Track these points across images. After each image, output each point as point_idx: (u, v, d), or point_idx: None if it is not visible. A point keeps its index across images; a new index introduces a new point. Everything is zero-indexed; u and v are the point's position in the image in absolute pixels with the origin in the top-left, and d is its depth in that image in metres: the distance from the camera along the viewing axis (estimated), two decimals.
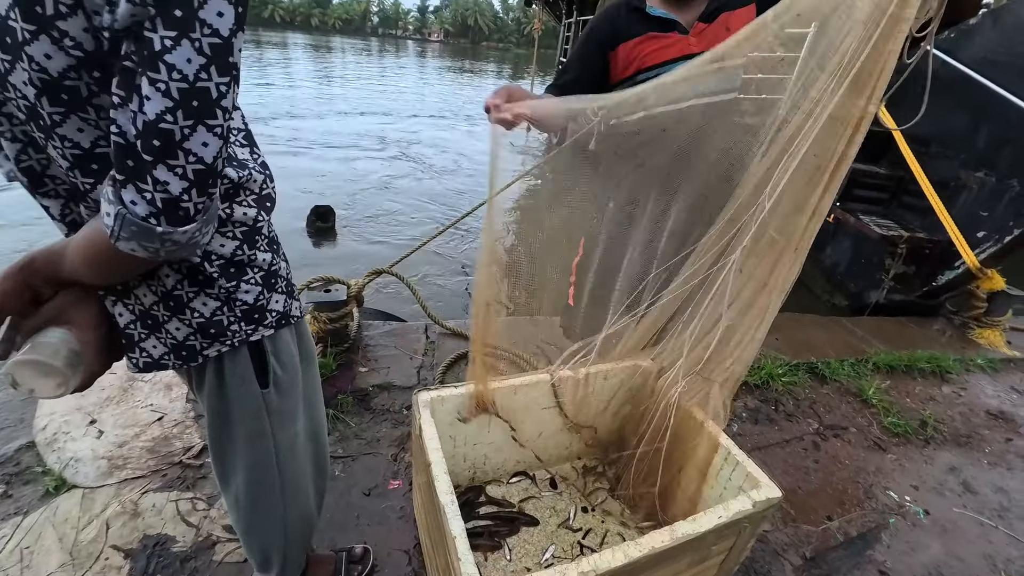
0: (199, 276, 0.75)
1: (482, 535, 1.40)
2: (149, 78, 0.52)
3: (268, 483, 0.96)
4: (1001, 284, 3.18)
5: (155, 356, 0.78)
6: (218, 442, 0.91)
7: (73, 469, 1.58)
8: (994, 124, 3.13)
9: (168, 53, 0.51)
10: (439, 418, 1.31)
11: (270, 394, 0.88)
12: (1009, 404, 2.61)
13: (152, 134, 0.53)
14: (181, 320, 0.76)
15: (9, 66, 0.54)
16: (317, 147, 8.52)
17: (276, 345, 0.88)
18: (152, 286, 0.74)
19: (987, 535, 1.79)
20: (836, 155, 1.00)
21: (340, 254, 4.71)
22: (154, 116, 0.53)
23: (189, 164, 0.56)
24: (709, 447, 1.31)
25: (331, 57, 31.62)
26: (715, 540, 1.08)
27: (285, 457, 0.96)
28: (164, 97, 0.52)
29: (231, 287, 0.78)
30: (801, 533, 1.68)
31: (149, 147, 0.54)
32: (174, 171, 0.55)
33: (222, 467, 0.94)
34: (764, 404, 2.30)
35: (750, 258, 1.14)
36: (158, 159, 0.54)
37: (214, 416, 0.87)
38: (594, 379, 1.46)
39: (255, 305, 0.81)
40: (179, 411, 1.84)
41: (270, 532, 1.02)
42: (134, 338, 0.77)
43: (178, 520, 1.47)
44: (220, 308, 0.78)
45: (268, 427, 0.91)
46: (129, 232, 0.57)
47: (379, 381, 2.07)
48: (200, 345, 0.79)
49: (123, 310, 0.75)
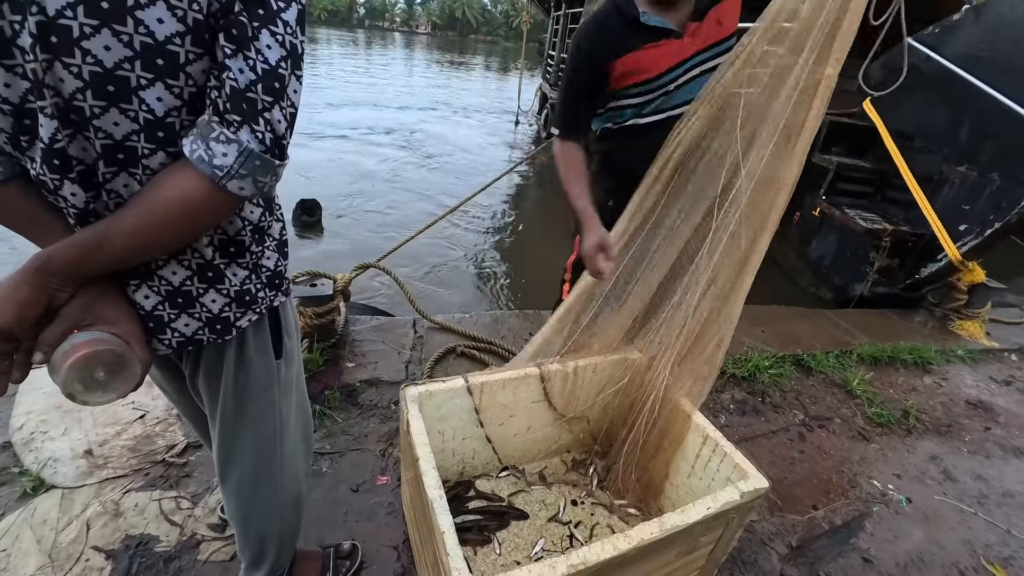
0: (231, 247, 0.77)
1: (471, 529, 1.39)
2: (270, 31, 0.61)
3: (273, 459, 0.96)
4: (982, 276, 3.24)
5: (188, 333, 0.77)
6: (228, 426, 0.89)
7: (52, 469, 1.54)
8: (976, 119, 3.17)
9: (283, 12, 0.62)
10: (427, 413, 1.30)
11: (281, 364, 0.91)
12: (988, 394, 2.67)
13: (273, 78, 0.62)
14: (219, 291, 0.77)
15: (92, 31, 0.54)
16: (303, 139, 8.39)
17: (285, 314, 0.92)
18: (184, 261, 0.73)
19: (967, 521, 1.83)
20: (799, 125, 1.01)
21: (326, 248, 4.65)
22: (275, 62, 0.62)
23: (288, 108, 0.65)
24: (697, 439, 1.31)
25: (317, 48, 31.15)
26: (703, 531, 1.09)
27: (284, 428, 0.97)
28: (281, 47, 0.62)
29: (258, 252, 0.81)
30: (787, 522, 1.70)
31: (270, 89, 0.62)
32: (283, 111, 0.64)
33: (227, 452, 0.93)
34: (751, 396, 2.33)
35: (726, 237, 1.15)
36: (275, 100, 0.63)
37: (229, 396, 0.86)
38: (583, 372, 1.46)
39: (275, 271, 0.86)
40: (162, 408, 1.80)
41: (268, 516, 1.02)
42: (163, 319, 0.74)
43: (161, 519, 1.44)
44: (249, 276, 0.80)
45: (277, 398, 0.92)
46: (250, 167, 0.63)
47: (366, 376, 2.05)
48: (234, 316, 0.80)
49: (148, 293, 0.72)
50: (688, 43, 1.35)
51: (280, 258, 0.87)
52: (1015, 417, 2.50)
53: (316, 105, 11.58)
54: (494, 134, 10.83)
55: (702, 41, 1.36)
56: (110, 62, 0.56)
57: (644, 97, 1.41)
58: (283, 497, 1.01)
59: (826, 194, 3.91)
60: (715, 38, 1.37)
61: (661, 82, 1.37)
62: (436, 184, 6.84)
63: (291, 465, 1.01)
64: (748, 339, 2.73)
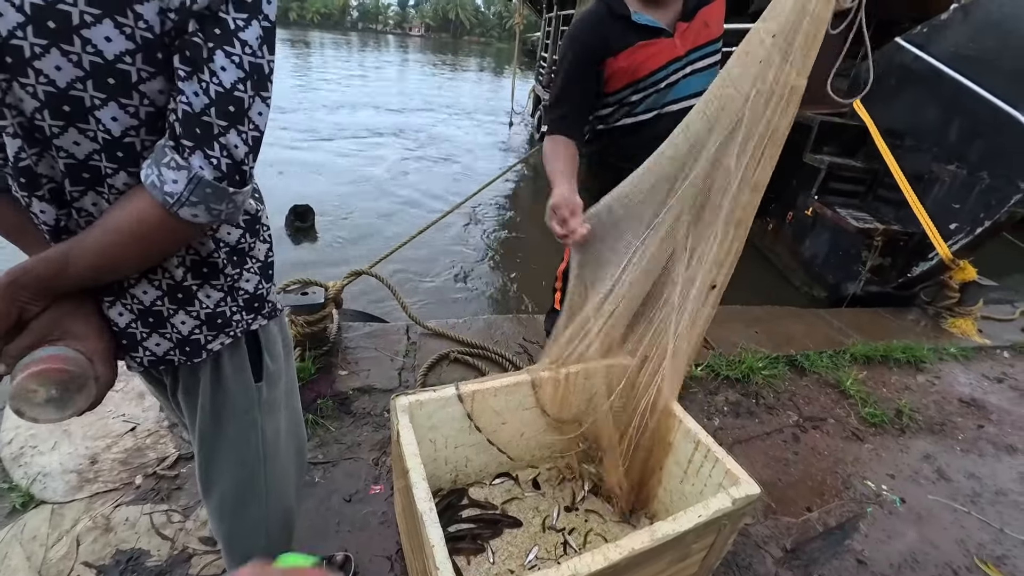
0: (203, 268, 0.76)
1: (465, 538, 1.39)
2: (225, 51, 0.59)
3: (256, 481, 0.95)
4: (973, 274, 3.26)
5: (159, 353, 0.77)
6: (209, 442, 0.89)
7: (41, 484, 1.53)
8: (965, 118, 3.19)
9: (241, 31, 0.60)
10: (418, 422, 1.29)
11: (262, 387, 0.89)
12: (980, 392, 2.68)
13: (228, 101, 0.60)
14: (188, 312, 0.76)
15: (41, 51, 0.53)
16: (297, 143, 8.37)
17: (268, 336, 0.89)
18: (155, 281, 0.72)
19: (960, 521, 1.84)
20: (771, 128, 1.02)
21: (320, 254, 4.64)
22: (230, 85, 0.59)
23: (250, 131, 0.63)
24: (689, 444, 1.31)
25: (311, 52, 31.11)
26: (695, 539, 1.08)
27: (270, 449, 0.95)
28: (238, 68, 0.60)
29: (235, 275, 0.79)
30: (782, 525, 1.70)
31: (224, 113, 0.60)
32: (241, 136, 0.62)
33: (207, 472, 0.92)
34: (745, 398, 2.33)
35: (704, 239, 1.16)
36: (231, 124, 0.61)
37: (205, 414, 0.85)
38: (574, 378, 1.46)
39: (255, 294, 0.84)
40: (152, 420, 1.79)
41: (253, 535, 1.00)
42: (136, 337, 0.75)
43: (152, 533, 1.43)
44: (223, 299, 0.79)
45: (259, 420, 0.91)
46: (201, 195, 0.61)
47: (359, 384, 2.04)
48: (205, 338, 0.78)
49: (122, 310, 0.73)
50: (678, 44, 1.36)
51: (262, 281, 0.85)
52: (1007, 414, 2.52)
53: (313, 108, 11.56)
54: (488, 136, 10.83)
55: (691, 42, 1.37)
56: (63, 82, 0.55)
57: (636, 96, 1.41)
58: (270, 516, 1.00)
59: (818, 193, 3.93)
60: (704, 39, 1.39)
61: (653, 80, 1.38)
62: (430, 187, 6.83)
63: (279, 485, 0.99)
64: (742, 340, 2.74)
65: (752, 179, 1.08)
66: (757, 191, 1.10)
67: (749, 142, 1.03)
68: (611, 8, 1.36)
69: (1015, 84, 2.92)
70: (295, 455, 1.06)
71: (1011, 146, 2.90)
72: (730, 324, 2.91)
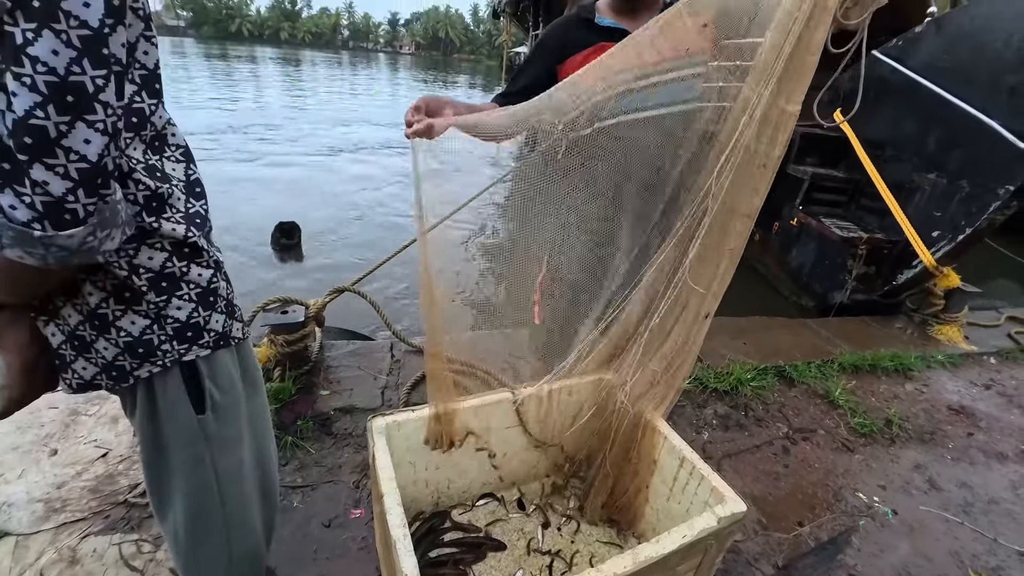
0: (125, 293, 0.72)
1: (447, 563, 1.34)
2: (14, 72, 0.50)
3: (209, 515, 0.91)
4: (957, 281, 3.28)
5: (87, 377, 0.76)
6: (153, 470, 0.86)
7: (5, 515, 1.47)
8: (943, 128, 3.25)
9: (30, 45, 0.49)
10: (396, 444, 1.25)
11: (207, 419, 0.85)
12: (969, 399, 2.68)
13: (23, 131, 0.51)
14: (107, 340, 0.74)
15: None
16: (282, 159, 8.36)
17: (213, 367, 0.85)
18: (76, 305, 0.71)
19: (953, 532, 1.81)
20: (764, 156, 1.00)
21: (306, 271, 4.59)
22: (23, 112, 0.50)
23: (71, 163, 0.53)
24: (674, 461, 1.28)
25: (302, 70, 31.30)
26: (680, 560, 1.05)
27: (228, 487, 0.91)
28: (32, 92, 0.50)
29: (161, 302, 0.75)
30: (773, 541, 1.67)
31: (22, 145, 0.51)
32: (54, 170, 0.53)
33: (158, 498, 0.89)
34: (734, 410, 2.31)
35: (695, 265, 1.14)
36: (34, 158, 0.52)
37: (147, 442, 0.83)
38: (557, 395, 1.43)
39: (188, 323, 0.79)
40: (126, 446, 1.73)
41: (215, 568, 0.96)
42: (66, 358, 0.75)
43: (120, 565, 1.37)
44: (149, 326, 0.75)
45: (207, 454, 0.86)
46: (9, 239, 0.55)
47: (341, 404, 2.00)
48: (130, 365, 0.76)
49: (55, 330, 0.73)
50: None
51: (200, 308, 0.79)
52: (996, 421, 2.51)
53: (298, 123, 11.59)
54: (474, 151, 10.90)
55: None
56: None
57: None
58: (231, 553, 0.95)
59: (802, 204, 3.97)
60: None
61: None
62: None
63: (241, 523, 0.95)
64: (730, 352, 2.73)
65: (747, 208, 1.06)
66: (750, 218, 1.08)
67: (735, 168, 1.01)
68: (579, 14, 1.40)
69: (989, 94, 2.97)
70: (260, 497, 1.01)
71: (988, 154, 2.95)
72: (718, 336, 2.90)
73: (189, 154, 0.81)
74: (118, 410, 1.86)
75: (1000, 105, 2.91)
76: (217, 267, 0.83)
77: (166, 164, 0.75)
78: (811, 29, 0.88)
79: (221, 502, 0.91)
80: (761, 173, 1.00)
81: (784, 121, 0.95)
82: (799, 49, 0.90)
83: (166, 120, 0.76)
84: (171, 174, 0.76)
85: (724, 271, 1.12)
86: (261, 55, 47.90)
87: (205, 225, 0.81)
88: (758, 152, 0.99)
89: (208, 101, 13.72)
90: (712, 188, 1.01)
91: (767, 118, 0.96)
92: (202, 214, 0.80)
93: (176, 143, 0.79)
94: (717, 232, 1.09)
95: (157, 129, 0.74)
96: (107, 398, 1.91)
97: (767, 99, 0.94)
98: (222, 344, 0.84)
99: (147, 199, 0.70)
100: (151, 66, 0.70)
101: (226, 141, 9.20)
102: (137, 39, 0.67)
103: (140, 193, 0.69)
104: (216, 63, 29.12)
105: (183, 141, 0.80)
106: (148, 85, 0.70)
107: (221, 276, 0.84)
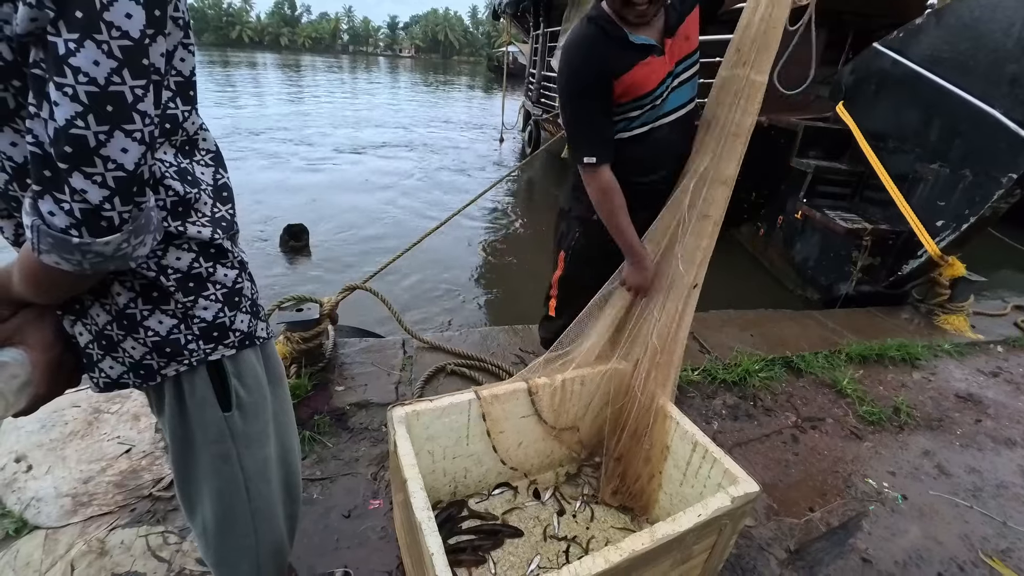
0: (154, 292, 0.74)
1: (465, 550, 1.38)
2: (56, 83, 0.50)
3: (237, 510, 0.93)
4: (962, 270, 3.29)
5: (113, 376, 0.77)
6: (181, 467, 0.88)
7: (35, 509, 1.51)
8: (944, 118, 3.26)
9: (72, 56, 0.50)
10: (415, 433, 1.29)
11: (233, 417, 0.86)
12: (976, 387, 2.70)
13: (64, 140, 0.52)
14: (136, 339, 0.75)
15: None
16: (289, 162, 8.42)
17: (239, 367, 0.86)
18: (105, 305, 0.73)
19: (963, 515, 1.83)
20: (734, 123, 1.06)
21: (315, 272, 4.63)
22: (64, 122, 0.51)
23: (108, 171, 0.54)
24: (687, 446, 1.31)
25: (302, 74, 31.45)
26: (696, 539, 1.08)
27: (255, 483, 0.93)
28: (73, 102, 0.51)
29: (188, 302, 0.76)
30: (784, 527, 1.70)
31: (62, 154, 0.52)
32: (92, 179, 0.54)
33: (187, 495, 0.92)
34: (743, 400, 2.33)
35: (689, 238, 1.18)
36: (73, 166, 0.53)
37: (175, 440, 0.85)
38: (571, 384, 1.46)
39: (214, 323, 0.80)
40: (148, 442, 1.77)
41: (241, 563, 0.99)
42: (93, 357, 0.76)
43: (148, 556, 1.41)
44: (177, 326, 0.76)
45: (234, 452, 0.88)
46: (47, 244, 0.56)
47: (356, 399, 2.03)
48: (157, 364, 0.77)
49: (82, 329, 0.75)
50: (668, 58, 1.40)
51: (226, 308, 0.81)
52: (1004, 408, 2.53)
53: (301, 127, 11.66)
54: (480, 151, 10.93)
55: (677, 55, 1.42)
56: None
57: (636, 112, 1.44)
58: (258, 547, 0.98)
59: (806, 197, 3.98)
60: (686, 51, 1.43)
61: (653, 96, 1.41)
62: (422, 202, 6.87)
63: (267, 516, 0.98)
64: (737, 344, 2.75)
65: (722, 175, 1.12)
66: (727, 185, 1.13)
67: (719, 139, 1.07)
68: (605, 30, 1.37)
69: (991, 83, 2.98)
70: (284, 492, 1.04)
71: (990, 143, 2.96)
72: (725, 329, 2.92)
73: (219, 159, 0.82)
74: (140, 408, 1.91)
75: (1001, 94, 2.92)
76: (242, 267, 0.84)
77: (196, 168, 0.76)
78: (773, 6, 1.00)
79: (248, 498, 0.93)
80: (734, 141, 1.07)
81: (753, 91, 1.03)
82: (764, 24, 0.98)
83: (198, 125, 0.77)
84: (200, 178, 0.77)
85: (708, 239, 1.17)
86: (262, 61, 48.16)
87: (231, 229, 0.82)
88: (730, 121, 1.06)
89: (213, 107, 13.83)
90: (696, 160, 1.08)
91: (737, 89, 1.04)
92: (228, 218, 0.81)
93: (207, 148, 0.80)
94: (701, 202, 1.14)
95: (189, 135, 0.75)
96: (128, 396, 1.95)
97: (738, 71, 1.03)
98: (247, 344, 0.86)
99: (174, 204, 0.71)
100: (187, 73, 0.71)
101: (228, 145, 9.27)
102: (176, 47, 0.68)
103: (169, 199, 0.70)
104: (217, 69, 29.33)
105: (214, 146, 0.81)
106: (183, 92, 0.71)
107: (246, 276, 0.85)
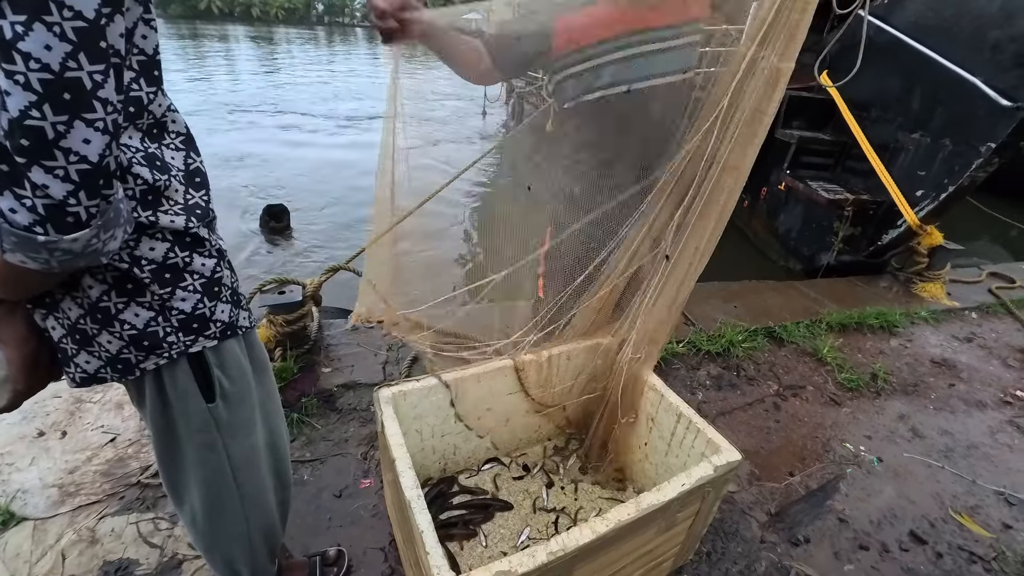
0: (128, 284, 0.71)
1: (456, 524, 1.40)
2: (5, 70, 0.47)
3: (225, 499, 0.93)
4: (940, 239, 3.36)
5: (90, 371, 0.75)
6: (166, 458, 0.87)
7: (21, 501, 1.50)
8: (926, 87, 3.27)
9: (21, 40, 0.46)
10: (403, 413, 1.29)
11: (218, 408, 0.85)
12: (951, 352, 2.78)
13: (19, 133, 0.48)
14: (111, 333, 0.72)
15: None
16: (271, 140, 8.20)
17: (222, 357, 0.84)
18: (76, 298, 0.70)
19: (935, 475, 1.91)
20: (756, 111, 1.03)
21: (297, 253, 4.56)
22: (18, 113, 0.48)
23: (71, 164, 0.51)
24: (671, 417, 1.34)
25: (275, 47, 30.35)
26: (680, 507, 1.11)
27: (243, 471, 0.93)
28: (25, 91, 0.47)
29: (165, 294, 0.73)
30: (765, 491, 1.75)
31: (19, 147, 0.49)
32: (53, 173, 0.50)
33: (173, 486, 0.91)
34: (726, 371, 2.38)
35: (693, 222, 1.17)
36: (32, 160, 0.49)
37: (158, 431, 0.84)
38: (557, 360, 1.47)
39: (194, 314, 0.77)
40: (133, 430, 1.76)
41: (234, 547, 0.99)
42: (68, 352, 0.74)
43: (140, 542, 1.41)
44: (154, 318, 0.74)
45: (219, 441, 0.87)
46: (11, 243, 0.53)
47: (343, 380, 2.03)
48: (135, 358, 0.75)
49: (55, 323, 0.72)
50: None
51: (205, 298, 0.78)
52: (976, 372, 2.61)
53: (274, 103, 11.32)
54: (465, 123, 10.74)
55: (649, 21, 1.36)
56: None
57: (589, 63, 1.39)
58: (250, 533, 0.98)
59: (789, 168, 4.00)
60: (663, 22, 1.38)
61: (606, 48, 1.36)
62: (406, 178, 6.76)
63: (257, 503, 0.98)
64: (721, 315, 2.79)
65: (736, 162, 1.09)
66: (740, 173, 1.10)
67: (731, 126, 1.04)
68: None
69: (972, 51, 2.99)
70: (274, 478, 1.04)
71: (970, 112, 2.98)
72: (709, 300, 2.96)
73: (190, 141, 0.78)
74: (122, 396, 1.88)
75: (983, 60, 2.93)
76: (221, 256, 0.81)
77: (165, 152, 0.72)
78: None
79: (236, 486, 0.92)
80: (753, 128, 1.03)
81: (778, 78, 0.97)
82: (792, 8, 0.91)
83: (166, 107, 0.73)
84: (170, 163, 0.72)
85: (714, 227, 1.15)
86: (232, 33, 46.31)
87: (207, 216, 0.78)
88: (750, 108, 1.01)
89: (185, 84, 13.32)
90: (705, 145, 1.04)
91: (761, 75, 0.98)
92: (203, 205, 0.77)
93: (176, 130, 0.75)
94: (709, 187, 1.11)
95: (156, 117, 0.70)
96: (110, 385, 1.92)
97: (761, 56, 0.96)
98: (229, 335, 0.83)
99: (143, 193, 0.68)
100: (150, 51, 0.66)
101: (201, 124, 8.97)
102: (135, 23, 0.63)
103: (137, 187, 0.67)
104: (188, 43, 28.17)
105: (184, 128, 0.77)
106: (146, 71, 0.66)
107: (225, 265, 0.83)
